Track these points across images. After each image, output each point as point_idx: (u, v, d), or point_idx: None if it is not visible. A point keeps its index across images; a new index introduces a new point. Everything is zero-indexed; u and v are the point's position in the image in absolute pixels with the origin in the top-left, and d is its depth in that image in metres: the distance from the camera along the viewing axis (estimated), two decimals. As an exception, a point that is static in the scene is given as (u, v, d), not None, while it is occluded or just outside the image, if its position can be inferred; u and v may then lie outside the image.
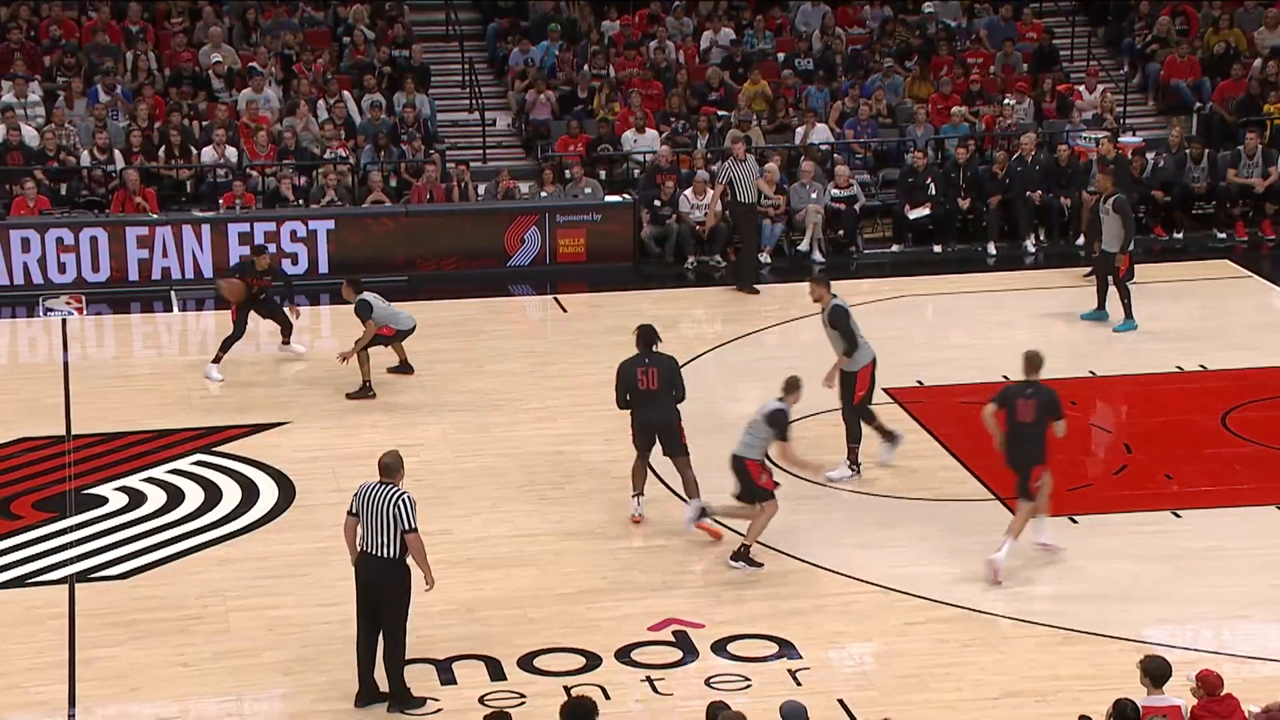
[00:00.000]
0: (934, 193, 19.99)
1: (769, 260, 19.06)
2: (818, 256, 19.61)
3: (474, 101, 22.28)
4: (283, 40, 22.17)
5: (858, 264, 19.49)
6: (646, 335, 12.38)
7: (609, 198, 19.73)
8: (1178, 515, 12.35)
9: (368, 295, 14.88)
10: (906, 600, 11.21)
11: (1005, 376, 15.28)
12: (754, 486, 11.61)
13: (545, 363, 16.06)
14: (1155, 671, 8.51)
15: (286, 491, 13.04)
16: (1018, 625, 10.83)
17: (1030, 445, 11.50)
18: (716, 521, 11.98)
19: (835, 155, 20.76)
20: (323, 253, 18.69)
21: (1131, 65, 23.38)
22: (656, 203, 19.74)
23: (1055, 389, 11.73)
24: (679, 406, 12.27)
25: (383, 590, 9.76)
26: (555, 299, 18.42)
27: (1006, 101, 21.57)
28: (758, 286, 18.33)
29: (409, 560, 9.77)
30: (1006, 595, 11.18)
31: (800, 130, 21.02)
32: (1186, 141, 20.63)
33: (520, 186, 20.26)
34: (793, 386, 11.79)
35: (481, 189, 20.08)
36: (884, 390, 14.96)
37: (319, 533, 12.21)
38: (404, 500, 9.72)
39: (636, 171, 20.69)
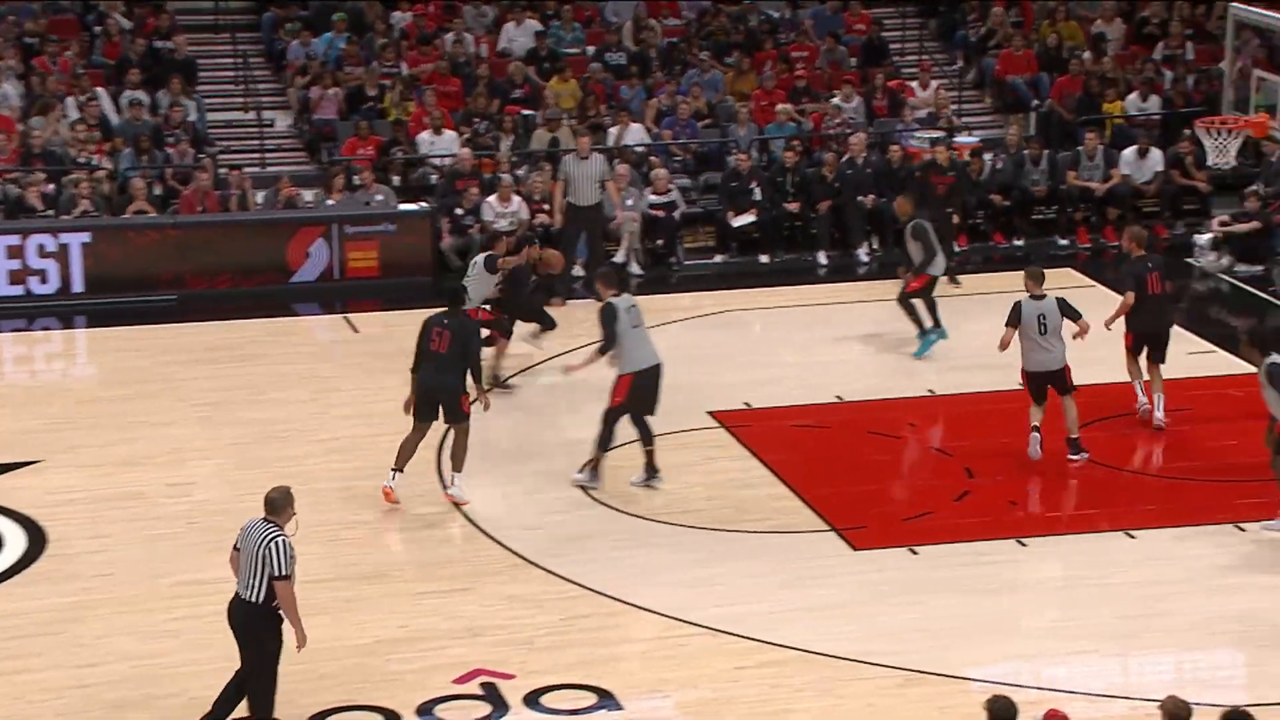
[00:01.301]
0: (759, 198, 20.29)
1: (583, 273, 19.14)
2: (635, 269, 19.74)
3: (249, 100, 21.96)
4: (22, 28, 21.57)
5: (678, 276, 19.67)
6: (453, 295, 13.49)
7: (404, 206, 19.62)
8: (1023, 544, 12.71)
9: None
10: (736, 642, 11.33)
11: (839, 397, 15.58)
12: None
13: (334, 389, 15.87)
14: (1000, 713, 8.74)
15: (36, 540, 12.66)
16: (855, 666, 11.01)
17: (1168, 312, 14.63)
18: None
19: (652, 158, 20.95)
20: (77, 270, 18.22)
21: (966, 60, 24.05)
22: (457, 211, 19.69)
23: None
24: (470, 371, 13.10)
25: (245, 638, 9.67)
26: (345, 318, 18.22)
27: (834, 99, 22.02)
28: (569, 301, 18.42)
29: (276, 608, 9.64)
30: (843, 635, 11.37)
31: (613, 131, 21.17)
32: (1024, 141, 21.29)
33: (304, 194, 20.02)
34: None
35: (260, 197, 19.79)
36: (709, 414, 15.14)
37: (74, 585, 11.88)
38: (278, 543, 9.61)
39: (434, 177, 20.62)
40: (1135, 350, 14.64)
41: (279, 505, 9.75)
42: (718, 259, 20.27)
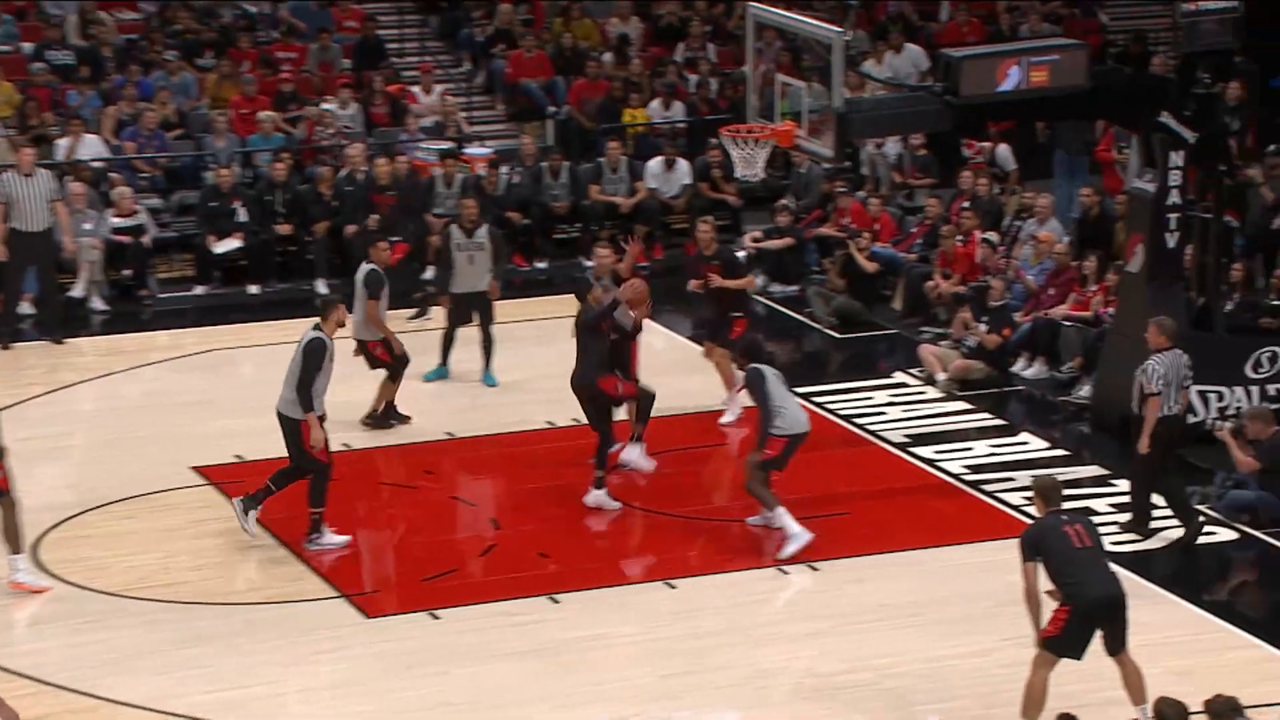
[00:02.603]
0: (244, 220, 20.03)
1: (34, 311, 18.45)
2: (98, 304, 19.17)
3: None
4: None
5: (152, 311, 19.21)
6: None
7: None
8: (555, 600, 12.95)
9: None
10: (233, 734, 11.14)
11: (346, 444, 15.52)
12: None
13: None
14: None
15: None
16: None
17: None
18: None
19: (113, 175, 20.39)
20: None
21: (473, 61, 24.44)
22: None
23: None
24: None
25: None
26: None
27: (327, 105, 21.98)
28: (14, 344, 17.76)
29: None
30: (358, 715, 11.34)
31: (64, 143, 20.49)
32: (542, 152, 21.77)
33: None
34: None
35: None
36: (193, 469, 14.83)
37: None
38: None
39: None
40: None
41: None
42: (198, 290, 19.89)
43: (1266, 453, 13.98)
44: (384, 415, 15.81)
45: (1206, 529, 13.86)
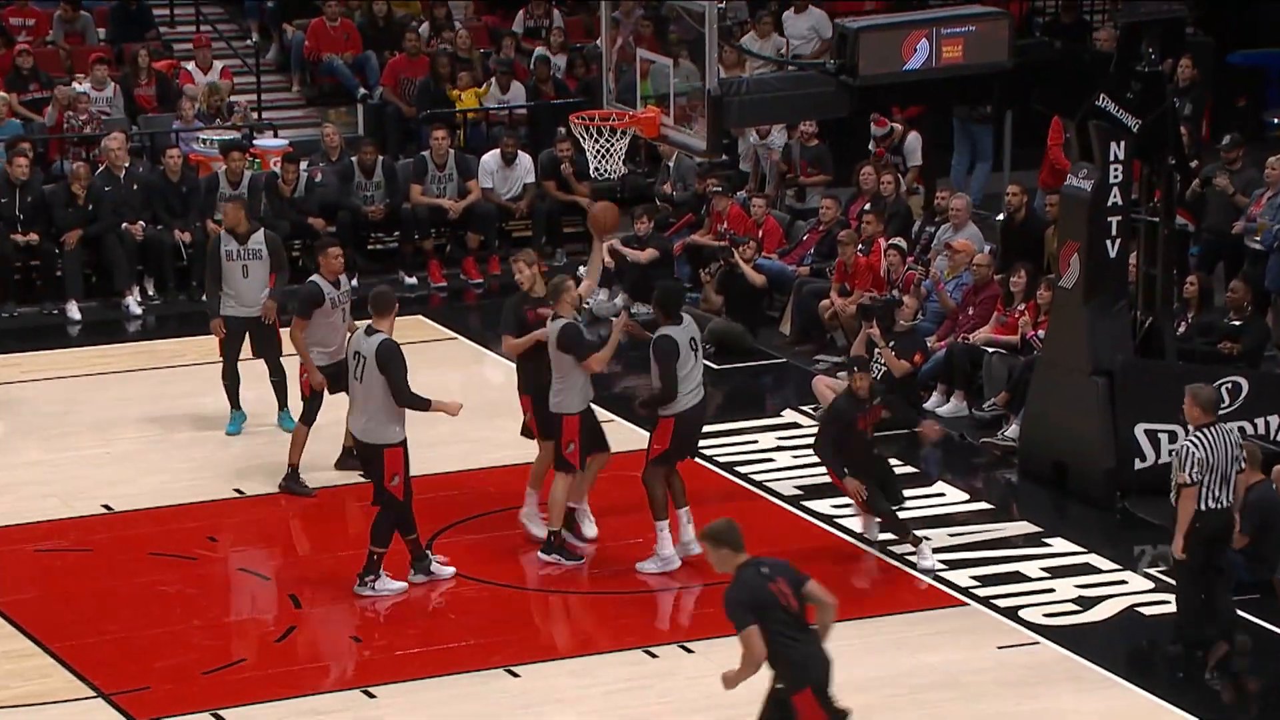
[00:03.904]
0: (-26, 228, 19.88)
1: None
2: None
3: None
4: None
5: None
6: None
7: None
8: (371, 695, 12.93)
9: None
10: None
11: (107, 506, 15.40)
12: None
13: None
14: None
15: None
16: None
17: None
18: None
19: None
20: None
21: (263, 32, 24.37)
22: None
23: None
24: None
25: None
26: None
27: (79, 86, 21.82)
28: None
29: None
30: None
31: None
32: (350, 144, 21.72)
33: None
34: None
35: None
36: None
37: None
38: None
39: None
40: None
41: None
42: (-85, 317, 19.73)
43: (1251, 512, 13.69)
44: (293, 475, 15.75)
45: (1155, 594, 14.03)
